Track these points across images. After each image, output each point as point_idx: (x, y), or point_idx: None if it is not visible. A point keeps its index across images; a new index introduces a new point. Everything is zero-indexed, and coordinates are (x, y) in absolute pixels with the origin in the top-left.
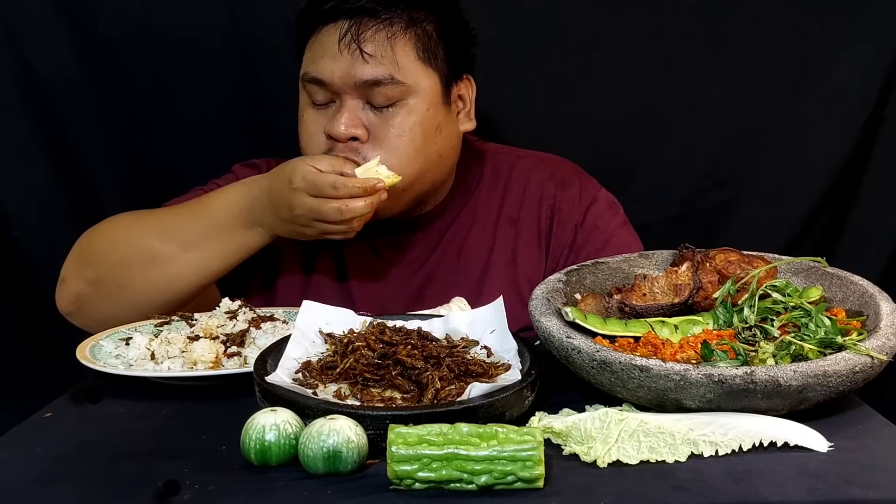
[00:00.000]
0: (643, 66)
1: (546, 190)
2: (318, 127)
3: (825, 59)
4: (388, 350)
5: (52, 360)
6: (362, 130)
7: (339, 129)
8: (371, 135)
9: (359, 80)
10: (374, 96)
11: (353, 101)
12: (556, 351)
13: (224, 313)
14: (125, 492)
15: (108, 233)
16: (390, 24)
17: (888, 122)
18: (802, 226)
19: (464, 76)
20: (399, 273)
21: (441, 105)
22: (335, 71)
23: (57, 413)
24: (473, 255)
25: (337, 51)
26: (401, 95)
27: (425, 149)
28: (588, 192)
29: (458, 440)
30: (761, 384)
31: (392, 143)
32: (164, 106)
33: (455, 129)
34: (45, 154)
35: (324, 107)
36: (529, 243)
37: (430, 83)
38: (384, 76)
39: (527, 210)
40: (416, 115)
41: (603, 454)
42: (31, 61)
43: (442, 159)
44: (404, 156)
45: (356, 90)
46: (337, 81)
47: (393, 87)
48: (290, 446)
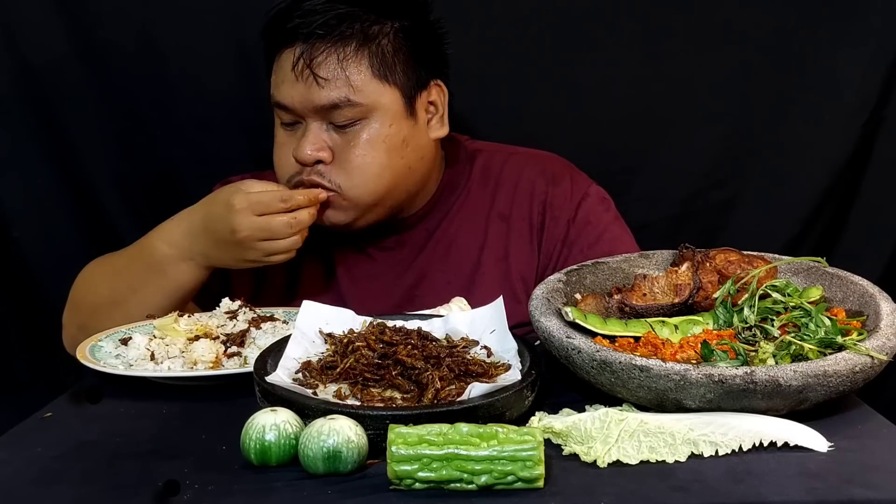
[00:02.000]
0: (643, 66)
1: (537, 186)
2: (287, 149)
3: (825, 59)
4: (388, 350)
5: (52, 360)
6: (326, 153)
7: (305, 153)
8: (335, 156)
9: (316, 104)
10: (335, 118)
11: (315, 123)
12: (556, 351)
13: (224, 313)
14: (125, 492)
15: (85, 279)
16: (343, 45)
17: (888, 122)
18: (802, 226)
19: (431, 83)
20: (389, 273)
21: (404, 119)
22: (294, 96)
23: (57, 413)
24: (464, 253)
25: (293, 76)
26: (361, 115)
27: (391, 165)
28: (579, 186)
29: (458, 440)
30: (761, 384)
31: (356, 163)
32: (164, 106)
33: (424, 139)
34: (45, 154)
35: (291, 128)
36: (521, 239)
37: (390, 99)
38: (340, 99)
39: (518, 206)
40: (378, 133)
41: (603, 454)
42: (31, 61)
43: (412, 171)
44: (369, 175)
45: (316, 113)
46: (297, 106)
47: (351, 109)
48: (290, 446)
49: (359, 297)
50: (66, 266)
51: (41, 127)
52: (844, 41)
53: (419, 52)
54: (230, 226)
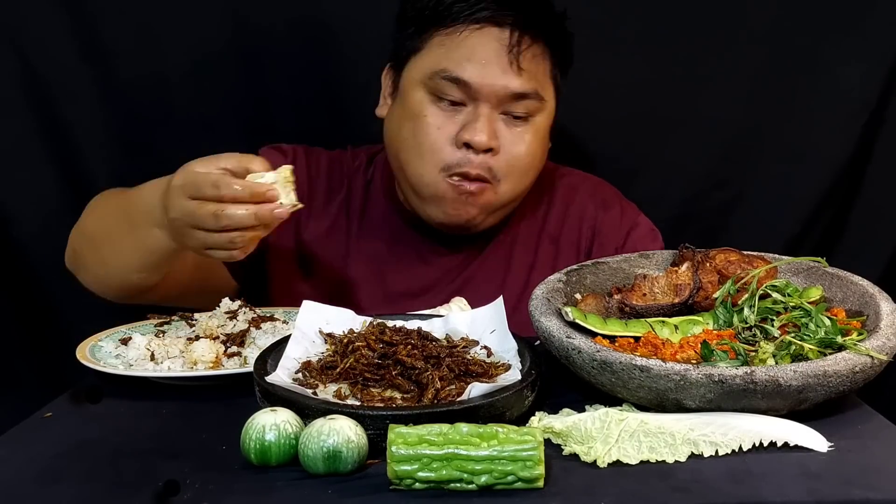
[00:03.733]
0: (645, 66)
1: (587, 210)
2: (446, 132)
3: (826, 60)
4: (388, 350)
5: (52, 360)
6: (496, 142)
7: (481, 139)
8: (501, 147)
9: (511, 91)
10: (515, 107)
11: (489, 110)
12: (556, 351)
13: (224, 313)
14: (125, 491)
15: (90, 206)
16: (540, 41)
17: (889, 123)
18: (802, 226)
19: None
20: (439, 280)
21: (551, 124)
22: (485, 77)
23: (57, 413)
24: (514, 271)
25: (492, 58)
26: (535, 111)
27: (536, 165)
28: (629, 215)
29: (458, 440)
30: (761, 384)
31: (520, 158)
32: (166, 105)
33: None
34: (45, 154)
35: (453, 108)
36: (567, 262)
37: (553, 102)
38: (532, 91)
39: (568, 229)
40: (541, 132)
41: (603, 454)
42: (32, 61)
43: (536, 177)
44: (524, 173)
45: (499, 100)
46: (485, 89)
47: (534, 103)
48: (290, 446)
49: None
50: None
51: (41, 127)
52: (845, 42)
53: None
54: (165, 203)
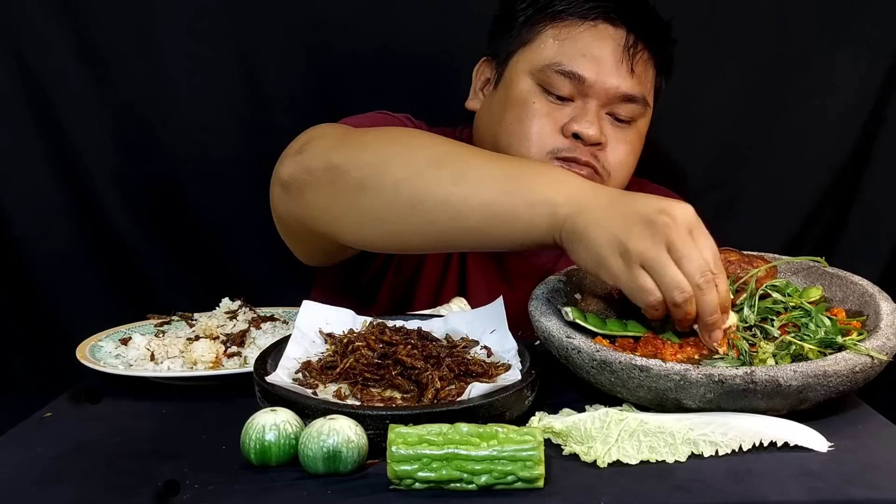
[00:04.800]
0: None
1: None
2: (553, 120)
3: (825, 59)
4: (388, 350)
5: (52, 360)
6: (605, 138)
7: (593, 131)
8: (607, 144)
9: (621, 92)
10: (621, 110)
11: (597, 108)
12: (556, 351)
13: (224, 313)
14: (125, 492)
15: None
16: (651, 48)
17: (888, 122)
18: (802, 225)
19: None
20: (514, 284)
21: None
22: (600, 75)
23: (57, 413)
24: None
25: (607, 57)
26: (639, 115)
27: (633, 170)
28: None
29: (458, 440)
30: (761, 384)
31: (625, 159)
32: (164, 106)
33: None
34: (45, 154)
35: (560, 101)
36: None
37: (651, 110)
38: (640, 95)
39: None
40: (642, 135)
41: (603, 454)
42: (30, 61)
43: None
44: (626, 173)
45: (609, 99)
46: (597, 85)
47: (640, 108)
48: (290, 446)
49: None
50: (66, 266)
51: (41, 127)
52: (844, 41)
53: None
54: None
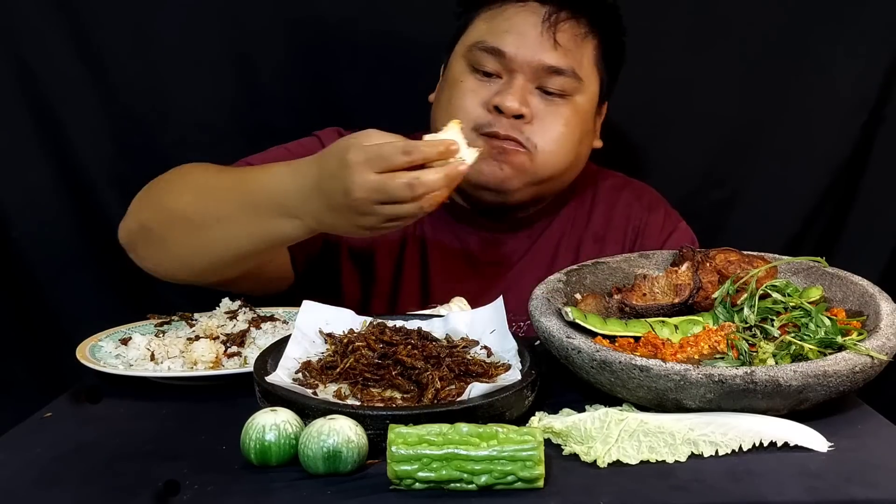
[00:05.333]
0: (641, 65)
1: (634, 210)
2: (479, 96)
3: (824, 58)
4: (388, 350)
5: (52, 360)
6: (528, 110)
7: (513, 104)
8: (534, 118)
9: (544, 63)
10: (549, 83)
11: (524, 81)
12: (556, 351)
13: (224, 313)
14: (125, 492)
15: (174, 179)
16: (582, 23)
17: (888, 122)
18: (802, 225)
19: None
20: (483, 273)
21: (594, 113)
22: (521, 48)
23: (57, 413)
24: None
25: (529, 31)
26: (572, 90)
27: (576, 148)
28: (672, 219)
29: (458, 440)
30: (761, 384)
31: (558, 130)
32: (163, 106)
33: (592, 141)
34: (44, 155)
35: (487, 78)
36: None
37: (595, 89)
38: (567, 67)
39: (613, 229)
40: (579, 113)
41: (603, 454)
42: (30, 61)
43: (578, 165)
44: (563, 145)
45: (533, 72)
46: (519, 59)
47: (570, 80)
48: (290, 446)
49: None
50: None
51: (41, 127)
52: (843, 41)
53: (616, 65)
54: (343, 185)
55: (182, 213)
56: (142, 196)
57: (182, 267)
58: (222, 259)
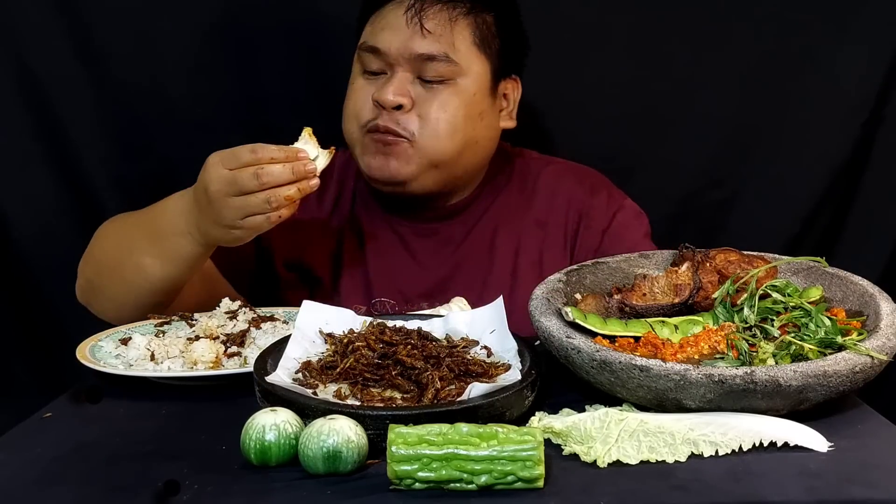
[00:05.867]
0: (641, 65)
1: (575, 195)
2: (366, 94)
3: (824, 58)
4: (388, 350)
5: (52, 360)
6: (407, 100)
7: (387, 96)
8: (416, 106)
9: (415, 52)
10: (426, 70)
11: (404, 73)
12: (556, 351)
13: (224, 313)
14: (125, 492)
15: (100, 233)
16: (453, 7)
17: (888, 122)
18: (802, 225)
19: (512, 76)
20: (422, 261)
21: (487, 94)
22: (393, 42)
23: (57, 413)
24: (500, 254)
25: (399, 24)
26: (451, 74)
27: (464, 129)
28: (616, 199)
29: (458, 440)
30: (761, 384)
31: (434, 115)
32: (163, 106)
33: (495, 122)
34: (44, 155)
35: (375, 76)
36: (556, 246)
37: (481, 70)
38: (439, 53)
39: (555, 214)
40: (462, 95)
41: (603, 454)
42: (30, 61)
43: (478, 147)
44: (444, 130)
45: (410, 63)
46: (393, 52)
47: (445, 65)
48: (290, 446)
49: (387, 281)
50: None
51: (41, 127)
52: (844, 40)
53: (510, 41)
54: (204, 184)
55: (105, 257)
56: (84, 256)
57: (121, 307)
58: (143, 289)
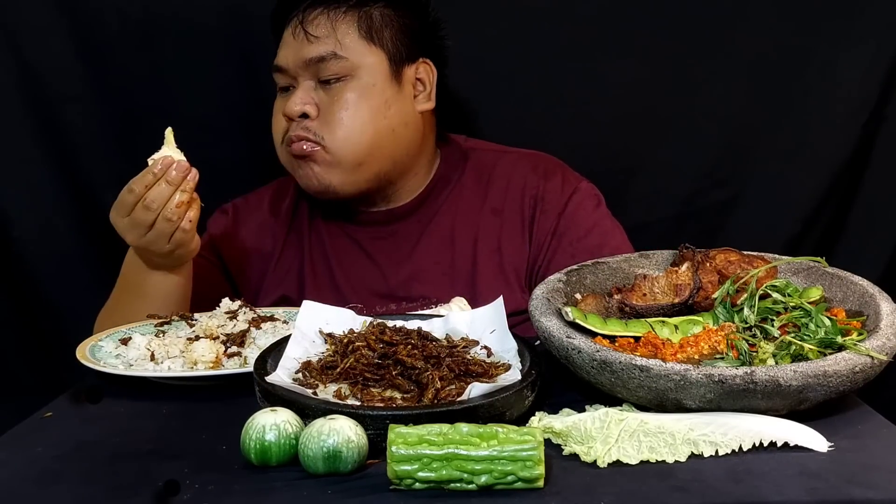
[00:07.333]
0: (643, 65)
1: (529, 181)
2: (279, 112)
3: (825, 59)
4: (388, 350)
5: (52, 360)
6: (312, 107)
7: (292, 107)
8: (321, 111)
9: (305, 58)
10: (322, 72)
11: (305, 81)
12: (556, 351)
13: (224, 313)
14: (125, 492)
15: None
16: (335, 7)
17: (888, 122)
18: (802, 226)
19: (419, 60)
20: (384, 264)
21: (389, 82)
22: (288, 56)
23: (57, 413)
24: (459, 246)
25: (290, 39)
26: (346, 71)
27: (374, 123)
28: (570, 182)
29: (458, 440)
30: (761, 384)
31: (338, 116)
32: (164, 106)
33: (408, 108)
34: (44, 155)
35: (286, 92)
36: (513, 232)
37: (375, 60)
38: (327, 52)
39: (511, 201)
40: (361, 90)
41: (603, 454)
42: (31, 62)
43: (396, 135)
44: (351, 129)
45: (306, 70)
46: (290, 65)
47: (336, 63)
48: (290, 446)
49: (355, 288)
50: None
51: (41, 127)
52: (844, 41)
53: (408, 27)
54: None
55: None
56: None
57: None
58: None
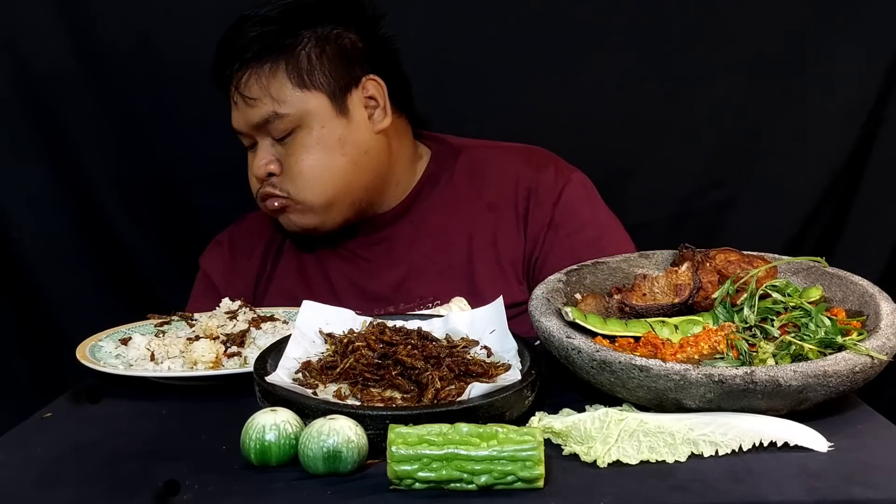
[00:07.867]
0: (642, 65)
1: (522, 173)
2: (250, 171)
3: (824, 59)
4: (388, 350)
5: (52, 360)
6: (275, 165)
7: (256, 170)
8: (283, 167)
9: (252, 123)
10: (272, 132)
11: (263, 140)
12: (556, 351)
13: (224, 313)
14: (125, 493)
15: None
16: (261, 64)
17: (887, 122)
18: (802, 226)
19: (363, 80)
20: (382, 268)
21: (335, 118)
22: (238, 120)
23: (57, 413)
24: (454, 243)
25: (233, 102)
26: (292, 124)
27: (332, 164)
28: (563, 173)
29: (458, 440)
30: (761, 384)
31: (297, 169)
32: (163, 107)
33: (365, 135)
34: (44, 155)
35: (252, 150)
36: (508, 225)
37: (316, 103)
38: (268, 114)
39: (504, 195)
40: (311, 137)
41: (603, 454)
42: (30, 62)
43: (359, 167)
44: (312, 178)
45: (258, 131)
46: (244, 129)
47: (280, 121)
48: (290, 446)
49: (354, 295)
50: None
51: (41, 128)
52: (843, 41)
53: (342, 53)
54: None
55: None
56: None
57: None
58: None
